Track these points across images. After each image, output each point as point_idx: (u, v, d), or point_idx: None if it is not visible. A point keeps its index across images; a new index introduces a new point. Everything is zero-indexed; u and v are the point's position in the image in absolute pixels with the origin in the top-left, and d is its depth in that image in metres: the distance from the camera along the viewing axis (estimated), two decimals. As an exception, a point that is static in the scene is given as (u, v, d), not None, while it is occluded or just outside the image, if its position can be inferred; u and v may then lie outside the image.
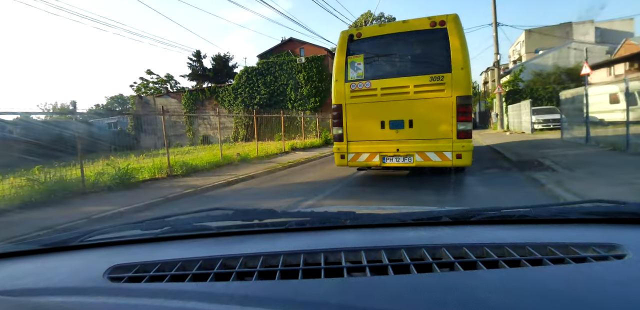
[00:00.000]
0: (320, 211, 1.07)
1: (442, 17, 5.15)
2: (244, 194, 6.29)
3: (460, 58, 5.05)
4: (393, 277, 0.67)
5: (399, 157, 5.46)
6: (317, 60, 28.14)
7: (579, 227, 0.94)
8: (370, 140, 5.58)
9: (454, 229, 0.98)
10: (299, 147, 15.19)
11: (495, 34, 19.05)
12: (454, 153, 5.14)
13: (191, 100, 31.41)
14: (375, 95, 5.51)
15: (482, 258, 0.74)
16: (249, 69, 29.54)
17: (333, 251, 0.81)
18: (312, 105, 28.13)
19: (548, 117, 16.03)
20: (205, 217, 1.06)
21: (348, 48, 5.61)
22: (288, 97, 28.81)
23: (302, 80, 28.29)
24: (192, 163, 9.16)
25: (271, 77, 29.08)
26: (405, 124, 5.39)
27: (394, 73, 5.49)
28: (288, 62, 28.92)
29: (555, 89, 19.33)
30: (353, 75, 5.62)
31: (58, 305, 0.61)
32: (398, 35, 5.42)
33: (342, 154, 5.76)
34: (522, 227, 0.97)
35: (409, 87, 5.32)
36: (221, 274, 0.74)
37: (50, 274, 0.81)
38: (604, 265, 0.69)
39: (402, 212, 1.07)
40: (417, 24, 5.29)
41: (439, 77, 5.15)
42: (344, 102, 5.65)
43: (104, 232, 1.04)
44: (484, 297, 0.57)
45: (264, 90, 29.05)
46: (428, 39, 5.28)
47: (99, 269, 0.79)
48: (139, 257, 0.87)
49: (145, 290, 0.67)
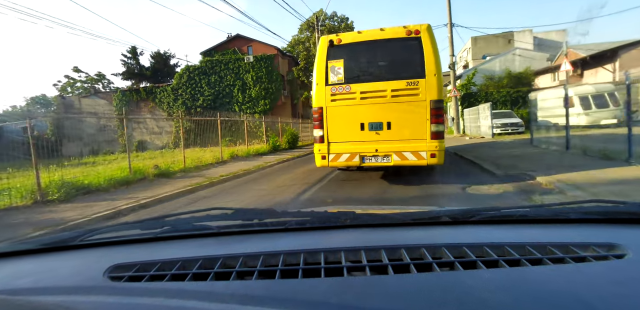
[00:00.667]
0: (320, 211, 1.09)
1: (417, 27, 5.45)
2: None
3: (433, 65, 5.37)
4: (393, 276, 0.68)
5: (378, 157, 5.64)
6: (267, 60, 26.13)
7: (579, 227, 0.95)
8: (351, 141, 5.74)
9: (453, 229, 0.99)
10: (242, 155, 13.09)
11: (450, 34, 18.45)
12: (428, 153, 5.40)
13: (124, 101, 27.77)
14: (355, 98, 5.68)
15: (482, 258, 0.74)
16: (191, 67, 26.73)
17: (333, 251, 0.81)
18: (262, 108, 26.00)
19: (506, 121, 15.43)
20: (205, 217, 1.06)
21: (328, 53, 5.77)
22: (235, 99, 26.42)
23: (250, 81, 26.09)
24: (85, 181, 6.78)
25: (216, 77, 26.52)
26: (383, 126, 5.58)
27: (372, 77, 5.68)
28: (235, 61, 26.58)
29: (509, 93, 19.11)
30: (333, 79, 5.76)
31: (58, 304, 0.61)
32: (376, 42, 5.65)
33: (323, 155, 5.88)
34: (522, 227, 0.98)
35: (387, 91, 5.55)
36: (221, 273, 0.74)
37: (50, 273, 0.81)
38: (604, 264, 0.69)
39: (402, 212, 1.09)
40: (393, 32, 5.56)
41: (414, 82, 5.43)
42: (324, 104, 5.79)
43: (104, 231, 1.03)
44: (484, 296, 0.57)
45: (208, 91, 26.41)
46: (403, 47, 5.54)
47: (99, 269, 0.78)
48: (139, 257, 0.87)
49: (145, 289, 0.67)
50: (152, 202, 5.76)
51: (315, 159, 6.02)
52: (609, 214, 0.97)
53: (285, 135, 18.08)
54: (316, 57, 5.86)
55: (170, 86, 27.04)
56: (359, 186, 6.11)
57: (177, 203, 5.85)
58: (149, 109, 27.43)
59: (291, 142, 17.85)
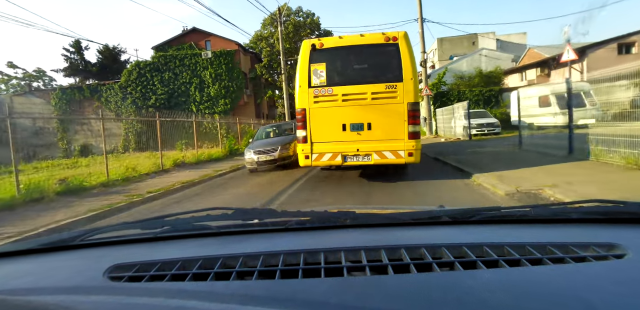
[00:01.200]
0: (320, 211, 1.09)
1: (395, 34, 5.73)
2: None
3: (410, 69, 5.67)
4: (393, 276, 0.67)
5: (359, 156, 5.84)
6: (227, 56, 24.09)
7: (579, 227, 0.95)
8: (333, 141, 5.90)
9: (453, 229, 0.99)
10: (190, 161, 11.19)
11: (422, 30, 17.45)
12: (406, 152, 5.68)
13: (64, 100, 24.64)
14: (337, 100, 5.86)
15: (482, 258, 0.74)
16: (142, 63, 24.14)
17: (333, 251, 0.80)
18: (222, 108, 23.93)
19: (482, 121, 14.49)
20: (205, 217, 1.05)
21: (311, 56, 5.90)
22: (192, 98, 24.14)
23: (209, 79, 23.91)
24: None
25: (170, 73, 24.10)
26: (364, 127, 5.79)
27: (353, 81, 5.85)
28: (191, 57, 24.28)
29: (481, 92, 18.39)
30: (316, 81, 5.92)
31: (58, 304, 0.61)
32: (356, 47, 5.86)
33: (307, 155, 5.99)
34: (522, 227, 0.98)
35: (367, 93, 5.77)
36: (221, 273, 0.73)
37: (51, 273, 0.81)
38: (604, 264, 0.69)
39: (402, 212, 1.09)
40: (373, 38, 5.82)
41: (393, 85, 5.70)
42: (307, 106, 5.94)
43: (104, 231, 1.03)
44: (484, 296, 0.57)
45: (162, 89, 23.92)
46: (382, 52, 5.79)
47: (99, 269, 0.78)
48: (139, 257, 0.86)
49: (145, 289, 0.67)
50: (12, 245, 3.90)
51: (299, 158, 6.12)
52: (609, 214, 0.97)
53: (245, 137, 16.26)
54: (299, 60, 5.99)
55: (117, 84, 24.31)
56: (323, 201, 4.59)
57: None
58: (93, 109, 24.51)
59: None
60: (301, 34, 25.34)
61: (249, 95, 25.50)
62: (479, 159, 7.81)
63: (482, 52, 31.03)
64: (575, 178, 4.90)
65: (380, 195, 5.20)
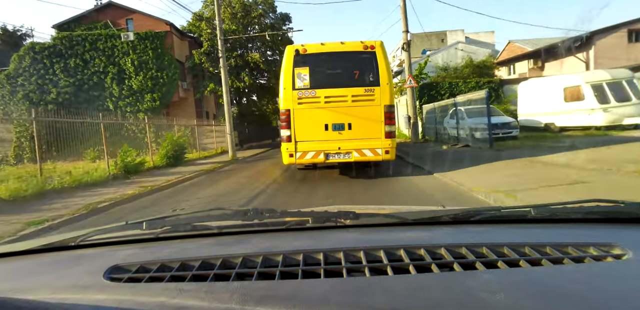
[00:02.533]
0: (320, 211, 1.08)
1: (372, 43, 6.49)
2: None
3: (386, 75, 6.42)
4: (393, 277, 0.67)
5: (340, 154, 6.46)
6: (155, 39, 18.69)
7: (579, 227, 0.95)
8: (316, 140, 6.48)
9: (453, 229, 0.99)
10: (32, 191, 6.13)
11: (404, 3, 13.42)
12: (383, 150, 6.39)
13: None
14: (319, 102, 6.48)
15: (481, 258, 0.74)
16: (38, 46, 18.18)
17: (333, 251, 0.80)
18: (149, 105, 18.53)
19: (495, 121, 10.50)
20: (206, 217, 1.06)
21: (294, 60, 6.49)
22: (108, 93, 18.51)
23: (131, 68, 18.42)
24: None
25: (77, 60, 18.27)
26: (345, 127, 6.48)
27: (335, 84, 6.51)
28: (107, 39, 18.51)
29: (478, 83, 14.65)
30: (300, 84, 6.49)
31: (58, 304, 0.60)
32: (337, 53, 6.59)
33: (291, 153, 6.49)
34: (522, 227, 0.98)
35: (348, 96, 6.44)
36: (221, 274, 0.74)
37: (51, 273, 0.81)
38: (603, 265, 0.69)
39: (402, 212, 1.07)
40: (352, 46, 6.55)
41: (371, 89, 6.42)
42: (292, 107, 6.50)
43: (104, 231, 1.03)
44: (484, 297, 0.56)
45: (66, 80, 17.96)
46: (361, 59, 6.53)
47: (99, 269, 0.78)
48: (139, 257, 0.86)
49: (145, 290, 0.66)
50: None
51: (283, 157, 6.63)
52: (609, 214, 0.97)
53: (163, 145, 11.27)
54: (283, 63, 6.58)
55: (4, 73, 18.16)
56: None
57: None
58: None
59: (173, 156, 11.11)
60: (252, 14, 20.57)
61: (187, 90, 20.32)
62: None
63: (458, 46, 28.08)
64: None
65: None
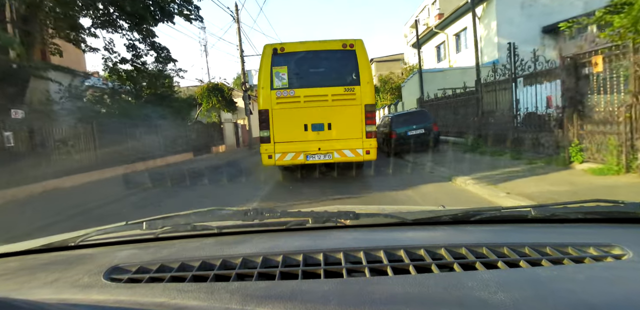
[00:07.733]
0: (320, 211, 1.07)
1: (352, 41, 6.44)
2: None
3: (366, 74, 6.48)
4: (393, 277, 0.67)
5: (321, 154, 6.46)
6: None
7: (579, 227, 0.96)
8: (295, 141, 6.46)
9: (453, 229, 1.00)
10: None
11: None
12: (364, 150, 6.41)
13: None
14: (299, 102, 6.45)
15: (481, 258, 0.74)
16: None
17: (333, 251, 0.80)
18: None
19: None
20: (206, 217, 1.06)
21: (272, 60, 6.45)
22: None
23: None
24: None
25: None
26: (325, 127, 6.48)
27: (314, 83, 6.52)
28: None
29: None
30: (278, 83, 6.46)
31: (58, 305, 0.59)
32: (316, 52, 6.57)
33: (270, 154, 6.47)
34: (522, 227, 1.00)
35: (327, 96, 6.43)
36: (221, 274, 0.73)
37: (50, 274, 0.80)
38: (604, 265, 0.69)
39: (402, 212, 1.07)
40: (331, 44, 6.53)
41: (351, 88, 6.43)
42: (270, 107, 6.46)
43: (104, 232, 1.02)
44: (484, 297, 0.56)
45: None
46: (341, 57, 6.54)
47: (99, 269, 0.78)
48: (139, 257, 0.86)
49: (145, 290, 0.66)
50: None
51: (262, 158, 6.57)
52: (609, 214, 0.98)
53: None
54: (260, 62, 6.53)
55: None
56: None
57: None
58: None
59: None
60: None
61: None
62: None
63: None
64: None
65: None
